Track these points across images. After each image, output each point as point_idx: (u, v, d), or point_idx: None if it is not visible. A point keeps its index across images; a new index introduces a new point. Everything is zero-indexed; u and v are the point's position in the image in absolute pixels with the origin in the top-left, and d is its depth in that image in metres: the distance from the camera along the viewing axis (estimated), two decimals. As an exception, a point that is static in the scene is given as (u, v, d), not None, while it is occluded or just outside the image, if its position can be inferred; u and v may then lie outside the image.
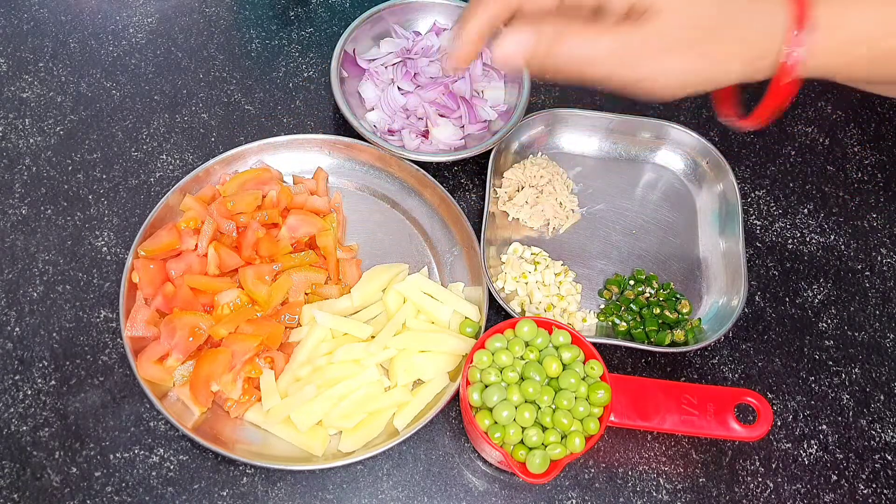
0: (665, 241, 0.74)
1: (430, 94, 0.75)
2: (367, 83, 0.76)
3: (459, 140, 0.74)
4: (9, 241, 0.70)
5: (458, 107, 0.74)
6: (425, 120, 0.75)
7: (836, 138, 0.81)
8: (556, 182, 0.74)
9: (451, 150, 0.73)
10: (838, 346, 0.70)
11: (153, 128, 0.76)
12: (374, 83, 0.76)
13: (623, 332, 0.68)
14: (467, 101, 0.74)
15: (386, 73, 0.77)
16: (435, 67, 0.77)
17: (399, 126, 0.75)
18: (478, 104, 0.75)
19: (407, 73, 0.76)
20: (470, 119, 0.74)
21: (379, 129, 0.74)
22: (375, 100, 0.76)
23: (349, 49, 0.76)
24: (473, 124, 0.75)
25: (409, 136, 0.74)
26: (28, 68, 0.78)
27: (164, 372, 0.61)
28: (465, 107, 0.74)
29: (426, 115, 0.74)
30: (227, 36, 0.82)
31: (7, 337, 0.66)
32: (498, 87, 0.77)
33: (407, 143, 0.73)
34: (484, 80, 0.77)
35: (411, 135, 0.74)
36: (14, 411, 0.63)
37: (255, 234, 0.67)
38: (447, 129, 0.74)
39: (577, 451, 0.54)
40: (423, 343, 0.64)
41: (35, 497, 0.60)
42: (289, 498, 0.61)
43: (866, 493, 0.64)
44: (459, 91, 0.75)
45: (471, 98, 0.75)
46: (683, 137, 0.75)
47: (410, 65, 0.76)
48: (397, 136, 0.74)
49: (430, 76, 0.76)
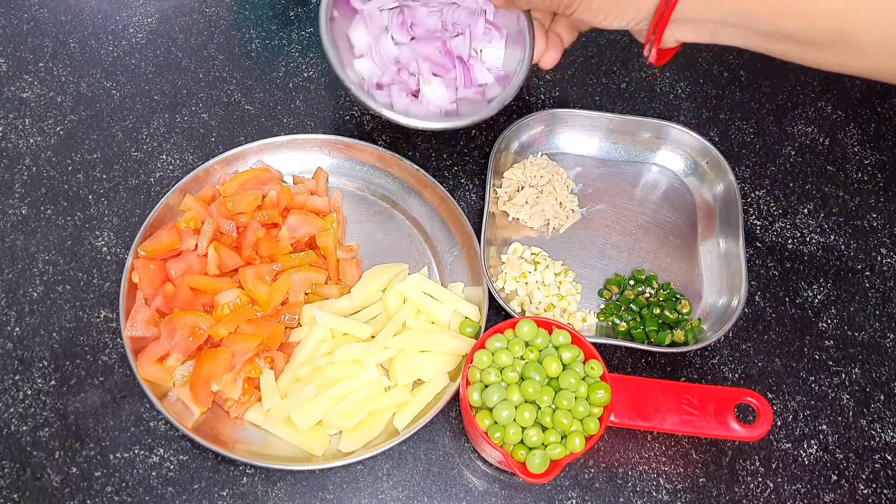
0: (665, 241, 0.74)
1: (426, 49, 0.68)
2: (359, 26, 0.68)
3: (451, 104, 0.69)
4: (9, 241, 0.70)
5: (453, 66, 0.68)
6: (417, 77, 0.68)
7: (836, 138, 0.81)
8: (556, 182, 0.74)
9: (442, 113, 0.68)
10: (838, 346, 0.70)
11: (153, 128, 0.76)
12: (365, 27, 0.68)
13: (623, 332, 0.68)
14: (463, 62, 0.68)
15: (380, 17, 0.68)
16: (434, 19, 0.68)
17: (388, 80, 0.68)
18: (474, 65, 0.68)
19: (403, 21, 0.68)
20: (465, 82, 0.68)
21: (367, 82, 0.68)
22: (366, 47, 0.69)
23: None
24: (469, 87, 0.68)
25: (399, 93, 0.68)
26: (28, 68, 0.78)
27: (164, 372, 0.61)
28: (461, 67, 0.68)
29: (418, 71, 0.68)
30: (227, 36, 0.82)
31: (7, 337, 0.66)
32: (498, 47, 0.69)
33: (396, 101, 0.67)
34: (484, 39, 0.69)
35: (401, 93, 0.68)
36: (14, 411, 0.63)
37: (255, 234, 0.67)
38: (439, 90, 0.68)
39: (577, 451, 0.54)
40: (423, 343, 0.64)
41: (35, 497, 0.60)
42: (289, 498, 0.61)
43: (866, 493, 0.64)
44: (457, 49, 0.68)
45: (468, 58, 0.68)
46: (683, 137, 0.75)
47: (408, 13, 0.68)
48: (385, 91, 0.68)
49: (428, 28, 0.68)
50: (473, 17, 0.67)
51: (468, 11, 0.68)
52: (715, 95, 0.83)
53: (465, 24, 0.68)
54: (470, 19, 0.68)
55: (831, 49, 0.48)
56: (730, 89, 0.83)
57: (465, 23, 0.68)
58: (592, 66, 0.83)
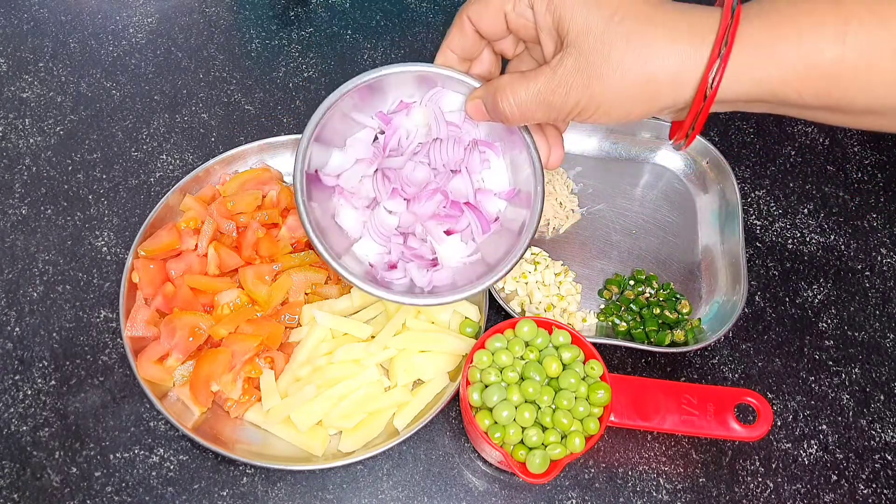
0: (665, 241, 0.74)
1: (428, 207, 0.56)
2: (344, 207, 0.57)
3: (474, 255, 0.57)
4: (9, 241, 0.70)
5: (461, 213, 0.56)
6: (429, 242, 0.57)
7: (836, 138, 0.81)
8: (555, 182, 0.74)
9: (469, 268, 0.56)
10: (838, 346, 0.70)
11: (153, 128, 0.76)
12: (351, 206, 0.57)
13: (623, 332, 0.68)
14: (472, 206, 0.56)
15: (364, 190, 0.57)
16: (423, 171, 0.56)
17: (397, 257, 0.57)
18: (483, 201, 0.56)
19: (393, 189, 0.56)
20: (482, 228, 0.56)
21: (377, 267, 0.57)
22: (358, 227, 0.57)
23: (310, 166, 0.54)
24: (487, 232, 0.56)
25: (418, 270, 0.56)
26: (28, 68, 0.78)
27: (164, 372, 0.61)
28: (471, 214, 0.55)
29: (428, 232, 0.56)
30: (228, 36, 0.82)
31: (7, 337, 0.66)
32: (499, 167, 0.57)
33: (417, 279, 0.56)
34: (483, 166, 0.56)
35: (421, 269, 0.56)
36: (14, 411, 0.63)
37: (255, 233, 0.67)
38: (456, 248, 0.57)
39: (577, 451, 0.54)
40: (423, 343, 0.64)
41: (35, 497, 0.60)
42: (289, 498, 0.61)
43: (866, 493, 0.64)
44: (459, 194, 0.56)
45: (475, 198, 0.56)
46: (683, 137, 0.75)
47: (393, 176, 0.56)
48: (399, 270, 0.57)
49: (420, 184, 0.56)
50: (464, 147, 0.56)
51: (454, 143, 0.56)
52: (715, 95, 0.83)
53: (457, 161, 0.56)
54: (460, 153, 0.56)
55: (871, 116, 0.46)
56: (730, 89, 0.83)
57: (457, 158, 0.56)
58: (592, 66, 0.83)
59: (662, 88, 0.43)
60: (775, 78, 0.42)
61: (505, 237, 0.56)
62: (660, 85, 0.42)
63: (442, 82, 0.54)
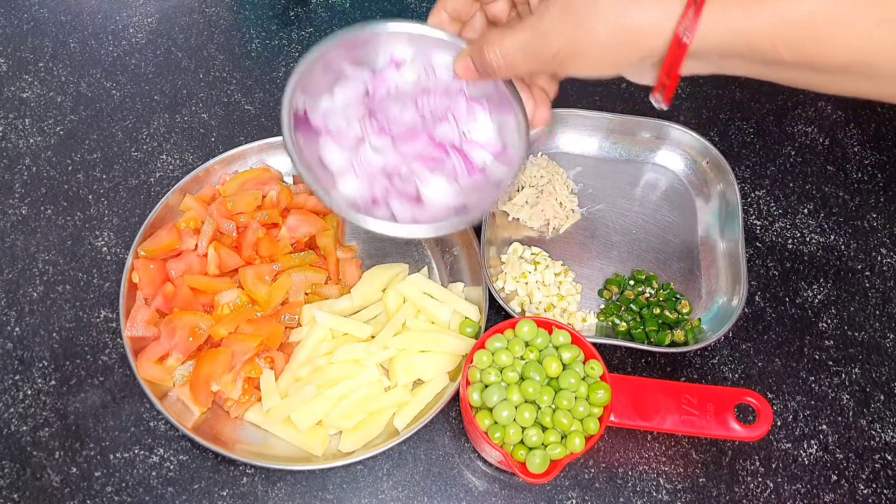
0: (665, 241, 0.74)
1: (412, 147, 0.58)
2: (329, 146, 0.58)
3: (458, 197, 0.58)
4: (9, 240, 0.70)
5: (447, 156, 0.58)
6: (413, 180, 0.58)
7: (836, 138, 0.81)
8: (556, 182, 0.74)
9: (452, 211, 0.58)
10: (838, 346, 0.70)
11: (153, 128, 0.76)
12: (337, 145, 0.58)
13: (623, 332, 0.68)
14: (458, 150, 0.58)
15: (351, 130, 0.58)
16: (410, 112, 0.58)
17: (381, 193, 0.58)
18: (469, 149, 0.59)
19: (379, 126, 0.58)
20: (467, 170, 0.58)
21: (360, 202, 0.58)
22: (345, 165, 0.58)
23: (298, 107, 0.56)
24: (472, 175, 0.58)
25: (400, 204, 0.57)
26: (28, 68, 0.78)
27: (164, 372, 0.61)
28: (456, 156, 0.58)
29: (413, 173, 0.58)
30: (228, 36, 0.82)
31: (7, 337, 0.66)
32: (485, 122, 0.59)
33: (399, 213, 0.57)
34: (469, 119, 0.59)
35: (403, 204, 0.58)
36: (14, 411, 0.63)
37: (255, 234, 0.67)
38: (441, 187, 0.58)
39: (577, 451, 0.54)
40: (423, 343, 0.64)
41: (35, 497, 0.60)
42: (289, 498, 0.61)
43: (866, 493, 0.64)
44: (446, 138, 0.58)
45: (461, 143, 0.58)
46: (683, 137, 0.75)
47: (380, 115, 0.58)
48: (382, 205, 0.58)
49: (407, 124, 0.59)
50: (452, 98, 0.58)
51: (444, 93, 0.58)
52: (715, 95, 0.83)
53: (444, 109, 0.59)
54: (448, 101, 0.58)
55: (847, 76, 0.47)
56: (730, 89, 0.83)
57: (444, 107, 0.59)
58: (592, 66, 0.83)
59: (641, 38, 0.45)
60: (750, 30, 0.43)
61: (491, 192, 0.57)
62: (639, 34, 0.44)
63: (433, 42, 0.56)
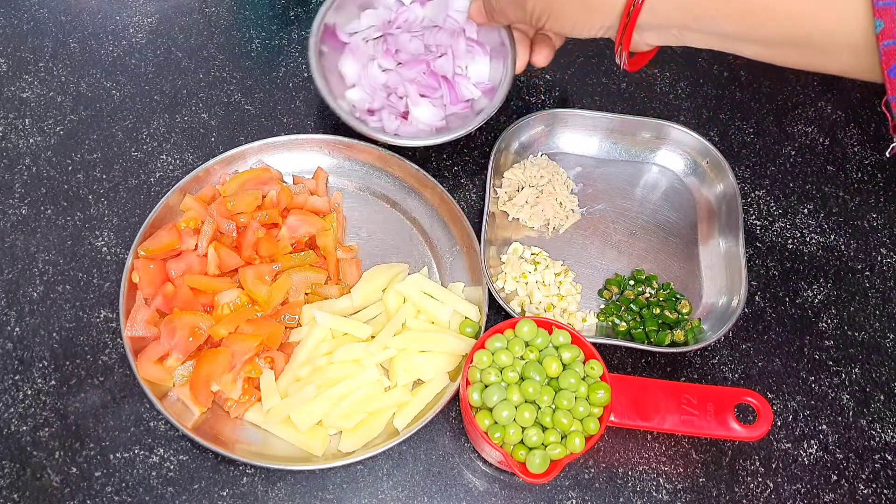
0: (665, 242, 0.74)
1: (411, 73, 0.71)
2: (348, 58, 0.72)
3: (441, 121, 0.72)
4: (9, 241, 0.70)
5: (439, 86, 0.71)
6: (405, 100, 0.71)
7: (836, 138, 0.81)
8: (556, 182, 0.74)
9: (433, 131, 0.71)
10: (838, 346, 0.70)
11: (153, 128, 0.76)
12: (354, 58, 0.72)
13: (623, 332, 0.68)
14: (448, 81, 0.71)
15: (366, 48, 0.73)
16: (416, 44, 0.72)
17: (379, 105, 0.71)
18: (460, 82, 0.72)
19: (388, 49, 0.72)
20: (451, 99, 0.71)
21: (358, 109, 0.71)
22: (356, 76, 0.72)
23: (330, 21, 0.71)
24: (455, 104, 0.72)
25: (389, 117, 0.71)
26: (28, 68, 0.78)
27: (164, 372, 0.61)
28: (446, 86, 0.71)
29: (406, 93, 0.71)
30: (228, 36, 0.82)
31: (7, 337, 0.66)
32: (483, 63, 0.72)
33: (387, 124, 0.71)
34: (468, 57, 0.72)
35: (391, 116, 0.71)
36: (14, 411, 0.63)
37: (255, 234, 0.67)
38: (427, 110, 0.71)
39: (577, 451, 0.54)
40: (423, 343, 0.64)
41: (35, 497, 0.60)
42: (289, 498, 0.61)
43: (866, 493, 0.64)
44: (441, 69, 0.71)
45: (453, 77, 0.71)
46: (683, 137, 0.75)
47: (391, 41, 0.72)
48: (377, 116, 0.71)
49: (412, 53, 0.72)
50: (454, 38, 0.71)
51: (448, 33, 0.72)
52: (715, 95, 0.83)
53: (447, 45, 0.72)
54: (451, 40, 0.71)
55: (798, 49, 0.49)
56: (730, 89, 0.83)
57: (446, 43, 0.72)
58: (592, 65, 0.83)
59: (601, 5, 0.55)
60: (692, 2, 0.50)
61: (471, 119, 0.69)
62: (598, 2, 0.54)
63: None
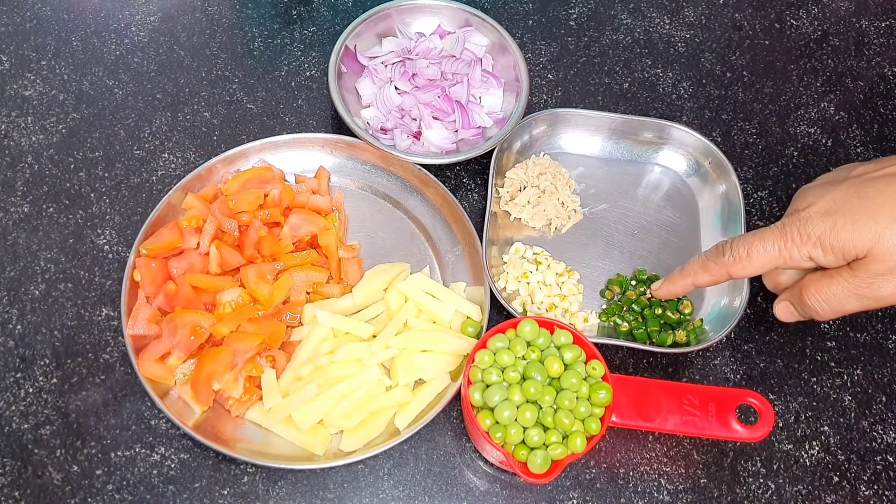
0: (667, 242, 0.74)
1: (427, 97, 0.75)
2: (366, 80, 0.77)
3: (451, 144, 0.74)
4: (11, 238, 0.70)
5: (452, 111, 0.75)
6: (419, 121, 0.75)
7: (838, 139, 0.81)
8: (558, 182, 0.74)
9: (443, 153, 0.73)
10: (840, 348, 0.70)
11: (155, 126, 0.76)
12: (371, 80, 0.76)
13: (625, 332, 0.68)
14: (462, 106, 0.74)
15: (384, 71, 0.77)
16: (433, 70, 0.76)
17: (392, 125, 0.74)
18: (474, 110, 0.75)
19: (405, 73, 0.76)
20: (463, 124, 0.74)
21: (372, 127, 0.74)
22: (371, 97, 0.76)
23: (350, 45, 0.76)
24: (467, 129, 0.74)
25: (401, 135, 0.74)
26: (30, 66, 0.78)
27: (166, 370, 0.61)
28: (459, 111, 0.74)
29: (420, 116, 0.74)
30: (230, 35, 0.82)
31: (9, 335, 0.66)
32: (496, 95, 0.77)
33: (398, 142, 0.73)
34: (482, 87, 0.76)
35: (403, 134, 0.74)
36: (15, 409, 0.63)
37: (257, 232, 0.67)
38: (439, 132, 0.74)
39: (578, 452, 0.54)
40: (424, 342, 0.64)
41: (36, 495, 0.60)
42: (290, 497, 0.61)
43: (868, 494, 0.64)
44: (456, 96, 0.75)
45: (467, 103, 0.75)
46: (686, 138, 0.75)
47: (409, 65, 0.76)
48: (389, 134, 0.74)
49: (429, 78, 0.76)
50: (470, 68, 0.76)
51: (465, 62, 0.76)
52: (718, 96, 0.83)
53: (462, 74, 0.76)
54: (467, 69, 0.76)
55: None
56: (732, 90, 0.83)
57: (462, 72, 0.76)
58: (595, 66, 0.83)
59: None
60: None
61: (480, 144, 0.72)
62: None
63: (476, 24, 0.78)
